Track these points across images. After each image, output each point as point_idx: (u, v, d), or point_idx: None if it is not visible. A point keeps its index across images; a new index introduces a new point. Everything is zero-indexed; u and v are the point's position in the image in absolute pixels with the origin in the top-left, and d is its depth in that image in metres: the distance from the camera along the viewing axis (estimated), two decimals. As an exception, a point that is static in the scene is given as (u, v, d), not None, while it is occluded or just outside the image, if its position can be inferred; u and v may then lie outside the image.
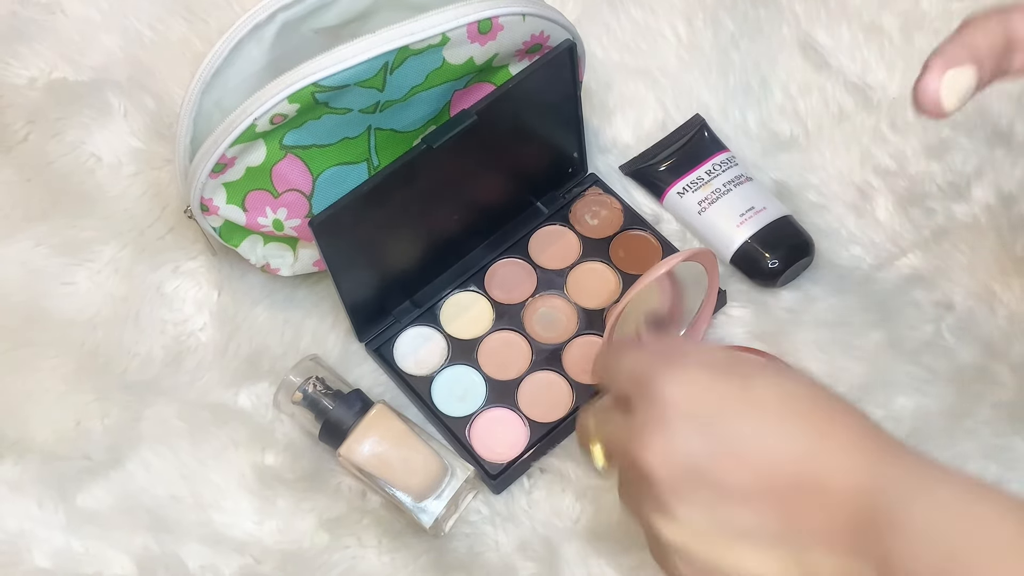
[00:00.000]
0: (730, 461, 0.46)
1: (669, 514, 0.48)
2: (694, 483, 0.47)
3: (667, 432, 0.47)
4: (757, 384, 0.48)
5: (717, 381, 0.48)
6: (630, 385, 0.50)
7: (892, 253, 0.70)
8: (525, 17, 0.62)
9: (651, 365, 0.49)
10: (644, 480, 0.48)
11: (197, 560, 0.64)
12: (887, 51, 0.74)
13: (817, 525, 0.45)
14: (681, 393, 0.48)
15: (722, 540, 0.47)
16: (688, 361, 0.49)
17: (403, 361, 0.69)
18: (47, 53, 0.77)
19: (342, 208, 0.60)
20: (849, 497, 0.44)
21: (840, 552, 0.45)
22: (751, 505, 0.46)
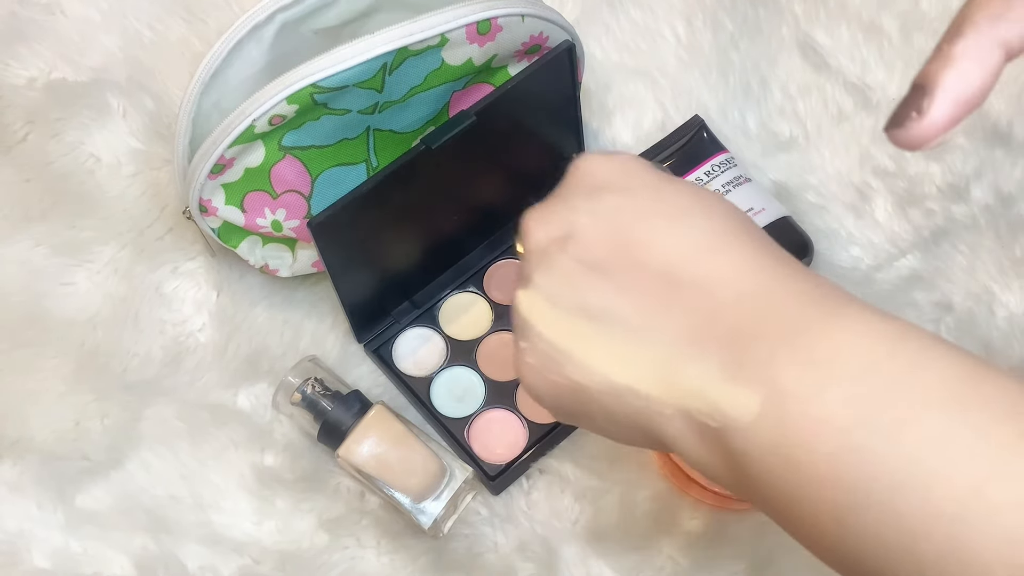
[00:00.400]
0: (605, 235, 0.43)
1: (527, 280, 0.44)
2: (560, 249, 0.43)
3: (559, 197, 0.45)
4: (676, 180, 0.45)
5: (641, 165, 0.45)
6: None
7: (891, 254, 0.70)
8: (524, 18, 0.62)
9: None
10: (524, 242, 0.45)
11: (196, 561, 0.64)
12: (886, 51, 0.74)
13: (688, 327, 0.40)
14: (596, 165, 0.45)
15: (573, 319, 0.42)
16: (630, 153, 0.46)
17: (402, 362, 0.69)
18: (46, 53, 0.77)
19: (341, 209, 0.60)
20: (734, 301, 0.40)
21: (709, 363, 0.39)
22: (611, 283, 0.42)
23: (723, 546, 0.64)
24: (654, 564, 0.64)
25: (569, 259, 0.43)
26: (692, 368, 0.40)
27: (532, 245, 0.44)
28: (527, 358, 0.44)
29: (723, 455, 0.39)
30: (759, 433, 0.38)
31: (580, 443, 0.67)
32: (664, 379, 0.40)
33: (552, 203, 0.45)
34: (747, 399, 0.38)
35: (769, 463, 0.38)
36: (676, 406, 0.40)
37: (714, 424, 0.39)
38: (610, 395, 0.42)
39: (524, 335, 0.44)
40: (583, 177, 0.45)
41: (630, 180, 0.44)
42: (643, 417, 0.41)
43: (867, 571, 0.37)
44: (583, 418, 0.44)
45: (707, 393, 0.39)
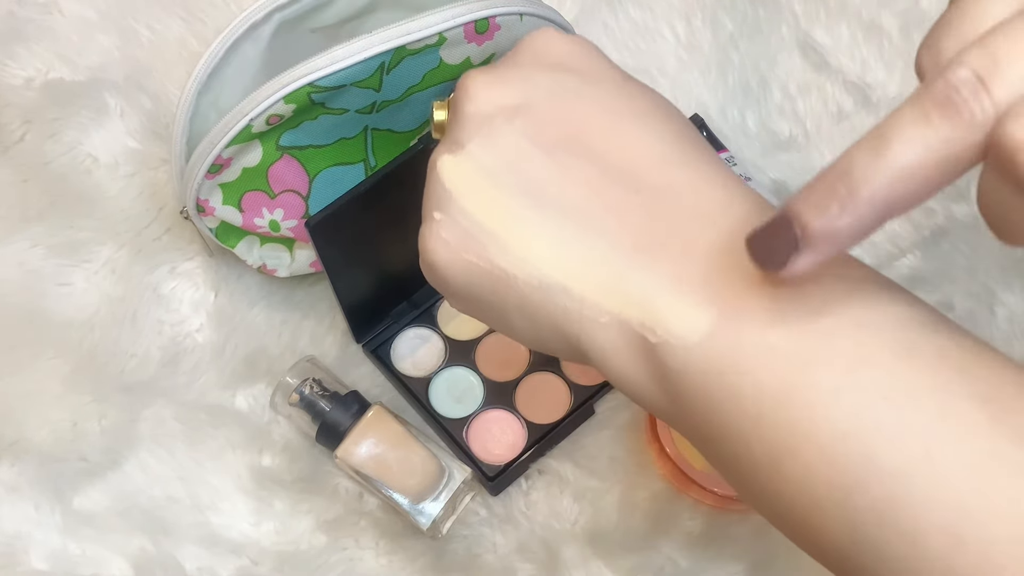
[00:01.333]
0: (564, 116, 0.39)
1: (459, 146, 0.40)
2: (507, 119, 0.39)
3: (510, 62, 0.41)
4: (638, 83, 0.41)
5: (603, 55, 0.41)
6: None
7: (892, 253, 0.70)
8: (523, 17, 0.61)
9: None
10: (459, 105, 0.40)
11: (194, 562, 0.64)
12: (886, 50, 0.74)
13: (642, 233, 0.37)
14: (556, 40, 0.41)
15: (510, 198, 0.39)
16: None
17: (400, 362, 0.69)
18: (44, 53, 0.77)
19: (338, 209, 0.60)
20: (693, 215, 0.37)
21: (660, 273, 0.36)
22: (561, 169, 0.38)
23: (723, 547, 0.64)
24: (653, 565, 0.63)
25: (516, 132, 0.39)
26: (640, 275, 0.37)
27: (473, 108, 0.40)
28: (442, 232, 0.40)
29: (656, 373, 0.37)
30: (703, 354, 0.35)
31: (580, 443, 0.67)
32: (606, 283, 0.37)
33: (503, 69, 0.41)
34: (697, 315, 0.35)
35: (708, 388, 0.35)
36: (614, 314, 0.37)
37: (654, 339, 0.36)
38: (537, 289, 0.38)
39: (442, 206, 0.40)
40: (540, 50, 0.41)
41: (592, 67, 0.41)
42: (569, 320, 0.38)
43: (795, 520, 0.35)
44: (492, 310, 0.40)
45: (653, 304, 0.36)
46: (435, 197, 0.40)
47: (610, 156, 0.38)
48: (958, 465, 0.31)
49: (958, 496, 0.31)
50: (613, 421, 0.68)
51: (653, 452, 0.66)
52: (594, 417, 0.68)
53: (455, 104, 0.41)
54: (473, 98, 0.40)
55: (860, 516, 0.32)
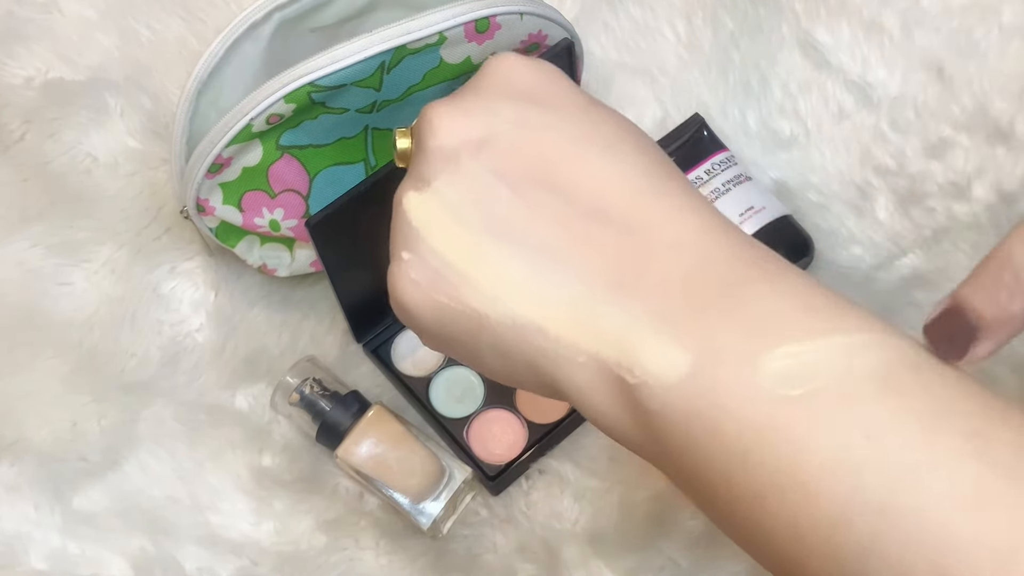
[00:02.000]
0: (530, 150, 0.38)
1: (425, 183, 0.39)
2: (472, 155, 0.38)
3: (476, 93, 0.40)
4: (605, 108, 0.40)
5: (567, 81, 0.40)
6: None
7: (892, 253, 0.70)
8: (523, 16, 0.61)
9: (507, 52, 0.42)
10: (423, 139, 0.39)
11: (194, 562, 0.63)
12: (887, 49, 0.74)
13: (615, 269, 0.36)
14: (519, 68, 0.40)
15: (479, 237, 0.38)
16: (548, 62, 0.42)
17: (401, 362, 0.69)
18: (44, 53, 0.77)
19: (339, 208, 0.60)
20: (669, 250, 0.36)
21: (636, 311, 0.36)
22: (528, 206, 0.38)
23: (723, 547, 0.64)
24: (654, 565, 0.63)
25: (482, 169, 0.38)
26: (615, 313, 0.36)
27: (436, 143, 0.39)
28: (411, 272, 0.39)
29: (635, 413, 0.36)
30: (682, 395, 0.34)
31: (580, 443, 0.67)
32: (581, 322, 0.36)
33: (465, 99, 0.40)
34: (675, 356, 0.35)
35: (689, 427, 0.34)
36: (590, 354, 0.36)
37: (632, 380, 0.35)
38: (511, 329, 0.37)
39: (410, 245, 0.39)
40: (504, 80, 0.40)
41: (557, 95, 0.40)
42: (545, 359, 0.37)
43: (779, 555, 0.34)
44: (465, 349, 0.39)
45: (630, 344, 0.35)
46: (402, 236, 0.40)
47: (579, 189, 0.38)
48: (943, 500, 0.31)
49: (944, 530, 0.31)
50: (614, 421, 0.67)
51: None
52: (595, 417, 0.68)
53: (418, 137, 0.40)
54: (436, 132, 0.39)
55: (845, 551, 0.32)
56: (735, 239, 0.37)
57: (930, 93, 0.73)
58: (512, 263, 0.37)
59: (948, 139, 0.72)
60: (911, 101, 0.73)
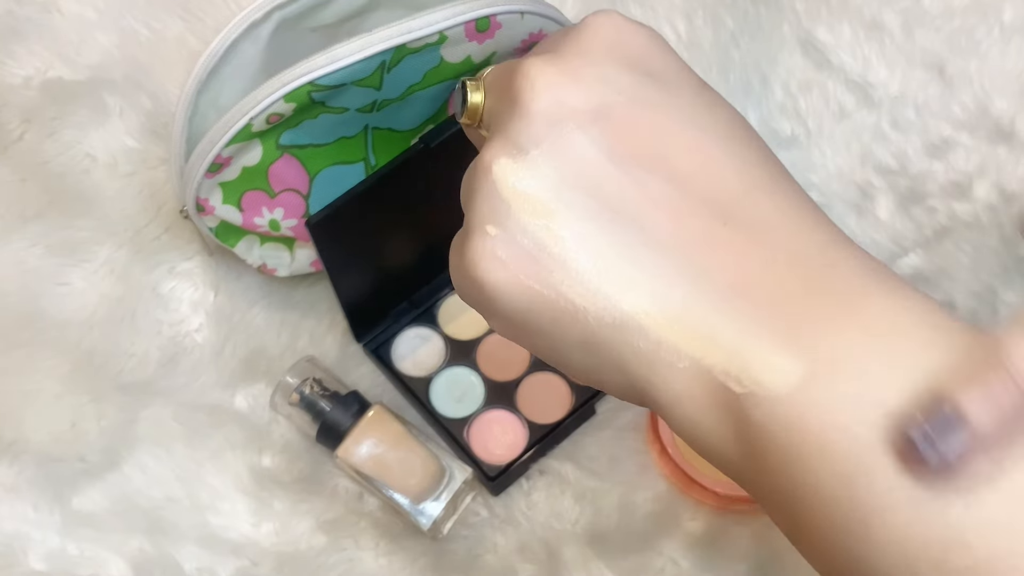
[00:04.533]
0: (649, 131, 0.34)
1: (522, 150, 0.35)
2: (579, 127, 0.34)
3: (588, 57, 0.35)
4: (713, 90, 0.37)
5: (674, 52, 0.37)
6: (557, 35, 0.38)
7: (894, 252, 0.70)
8: (523, 15, 0.61)
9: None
10: (520, 97, 0.35)
11: (193, 562, 0.63)
12: (888, 49, 0.74)
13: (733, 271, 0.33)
14: (628, 30, 0.36)
15: (584, 219, 0.34)
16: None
17: (401, 362, 0.69)
18: (43, 52, 0.77)
19: (339, 208, 0.60)
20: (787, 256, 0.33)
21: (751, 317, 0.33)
22: (643, 192, 0.34)
23: (724, 548, 0.64)
24: (655, 566, 0.63)
25: (591, 143, 0.34)
26: (728, 320, 0.33)
27: (539, 107, 0.35)
28: (498, 250, 0.34)
29: (735, 426, 0.33)
30: (792, 406, 0.31)
31: (580, 444, 0.67)
32: (689, 325, 0.33)
33: (572, 61, 0.35)
34: (788, 365, 0.32)
35: (793, 443, 0.32)
36: (694, 359, 0.33)
37: (738, 389, 0.32)
38: (610, 327, 0.34)
39: (498, 219, 0.35)
40: (612, 40, 0.36)
41: (671, 70, 0.36)
42: (639, 362, 0.34)
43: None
44: (547, 340, 0.36)
45: (740, 351, 0.32)
46: (488, 207, 0.35)
47: (696, 179, 0.34)
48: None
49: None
50: (614, 421, 0.67)
51: (654, 452, 0.65)
52: (595, 417, 0.68)
53: (513, 96, 0.35)
54: (540, 95, 0.35)
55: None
56: (854, 249, 0.34)
57: (931, 92, 0.73)
58: (618, 254, 0.34)
59: (949, 139, 0.72)
60: (912, 100, 0.73)
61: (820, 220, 0.35)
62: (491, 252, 0.35)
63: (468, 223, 0.36)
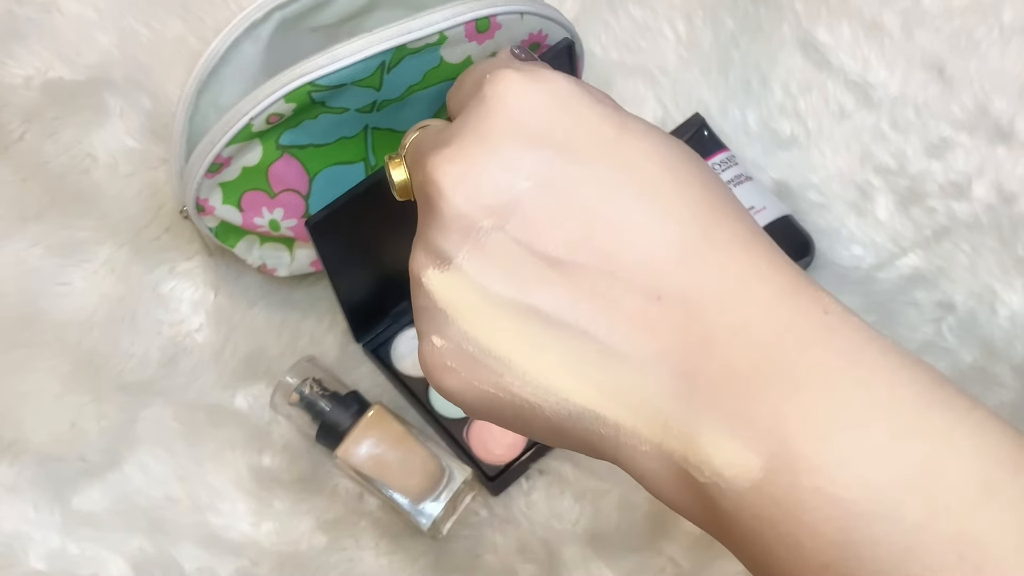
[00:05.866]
0: (562, 216, 0.33)
1: (447, 259, 0.34)
2: (496, 226, 0.33)
3: (485, 142, 0.34)
4: (635, 133, 0.34)
5: (585, 100, 0.34)
6: (470, 87, 0.36)
7: (893, 253, 0.70)
8: (523, 16, 0.61)
9: (505, 62, 0.36)
10: (431, 202, 0.34)
11: (193, 562, 0.63)
12: (888, 49, 0.74)
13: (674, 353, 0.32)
14: (528, 95, 0.34)
15: (520, 321, 0.33)
16: (556, 74, 0.35)
17: (401, 362, 0.69)
18: (43, 52, 0.77)
19: (339, 208, 0.60)
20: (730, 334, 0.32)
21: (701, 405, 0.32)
22: (570, 284, 0.33)
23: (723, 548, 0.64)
24: (654, 565, 0.63)
25: (510, 241, 0.33)
26: (678, 407, 0.32)
27: (452, 211, 0.34)
28: (447, 360, 0.35)
29: (703, 504, 0.33)
30: (755, 501, 0.31)
31: (580, 443, 0.67)
32: (641, 412, 0.33)
33: (470, 150, 0.34)
34: (746, 460, 0.31)
35: (762, 531, 0.31)
36: (653, 444, 0.33)
37: (701, 479, 0.32)
38: (567, 419, 0.34)
39: (440, 330, 0.34)
40: (511, 118, 0.34)
41: (576, 130, 0.34)
42: (605, 445, 0.34)
43: None
44: (517, 428, 0.36)
45: (697, 443, 0.32)
46: (429, 317, 0.35)
47: (621, 257, 0.33)
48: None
49: None
50: (614, 421, 0.67)
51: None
52: (595, 417, 0.68)
53: (427, 202, 0.35)
54: (449, 197, 0.34)
55: None
56: (804, 302, 0.32)
57: (930, 93, 0.73)
58: (559, 348, 0.33)
59: (948, 139, 0.72)
60: (911, 101, 0.73)
61: (765, 271, 0.33)
62: (441, 363, 0.35)
63: (417, 329, 0.36)
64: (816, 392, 0.31)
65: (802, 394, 0.31)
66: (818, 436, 0.30)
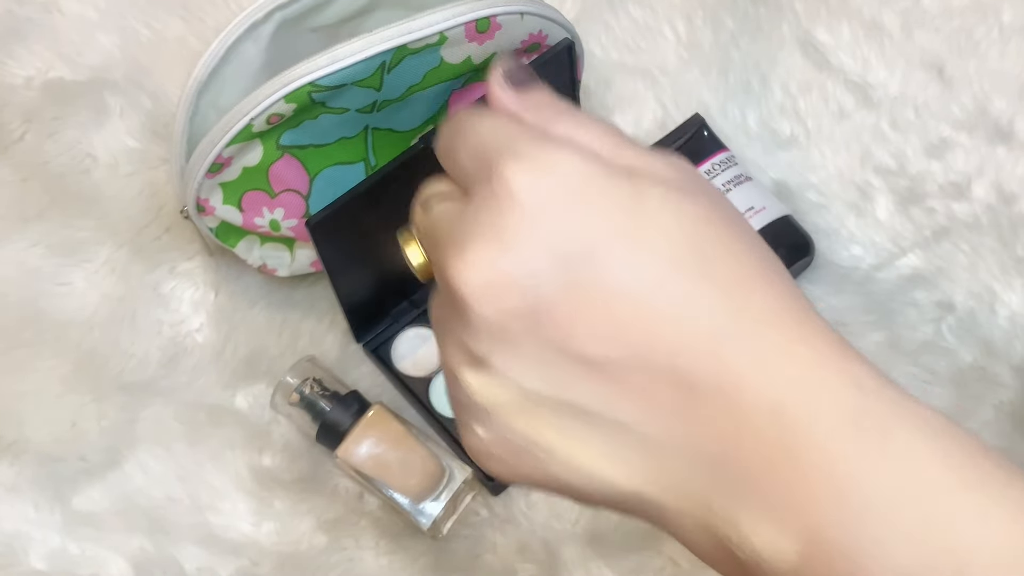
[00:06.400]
0: (588, 313, 0.33)
1: (481, 361, 0.34)
2: (527, 329, 0.33)
3: (503, 246, 0.33)
4: (653, 203, 0.33)
5: (596, 182, 0.33)
6: (471, 164, 0.36)
7: (892, 253, 0.70)
8: (523, 16, 0.61)
9: (504, 138, 0.35)
10: (456, 305, 0.34)
11: (194, 562, 0.63)
12: (888, 49, 0.74)
13: (710, 442, 0.33)
14: (540, 193, 0.33)
15: (559, 417, 0.34)
16: (560, 145, 0.34)
17: (401, 362, 0.69)
18: (44, 52, 0.77)
19: (339, 208, 0.60)
20: (763, 418, 0.32)
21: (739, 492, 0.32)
22: (604, 379, 0.33)
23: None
24: (654, 565, 0.63)
25: (543, 343, 0.33)
26: (718, 491, 0.33)
27: (480, 320, 0.34)
28: (492, 449, 0.36)
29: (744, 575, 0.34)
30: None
31: (580, 443, 0.67)
32: (685, 494, 0.33)
33: (490, 254, 0.33)
34: (784, 546, 0.31)
35: None
36: (696, 520, 0.34)
37: (742, 556, 0.33)
38: (613, 499, 0.35)
39: (483, 423, 0.35)
40: (524, 213, 0.33)
41: (590, 218, 0.33)
42: (650, 517, 0.35)
43: None
44: (569, 499, 0.37)
45: (736, 523, 0.32)
46: (471, 412, 0.35)
47: (653, 348, 0.33)
48: None
49: None
50: (614, 421, 0.67)
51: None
52: (595, 417, 0.68)
53: (456, 305, 0.34)
54: (475, 308, 0.34)
55: None
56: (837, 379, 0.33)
57: (930, 93, 0.73)
58: (600, 440, 0.34)
59: (948, 139, 0.72)
60: (911, 101, 0.73)
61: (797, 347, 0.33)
62: (486, 451, 0.36)
63: (457, 418, 0.37)
64: (848, 478, 0.31)
65: (835, 480, 0.31)
66: (851, 522, 0.31)
